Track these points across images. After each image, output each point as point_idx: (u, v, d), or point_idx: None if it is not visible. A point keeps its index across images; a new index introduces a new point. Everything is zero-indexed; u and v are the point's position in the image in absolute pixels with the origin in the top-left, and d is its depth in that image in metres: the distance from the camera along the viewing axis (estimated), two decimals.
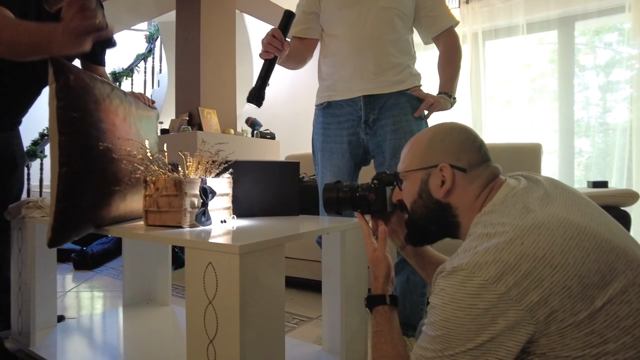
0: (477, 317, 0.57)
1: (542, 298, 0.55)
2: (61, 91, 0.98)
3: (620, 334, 0.55)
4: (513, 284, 0.56)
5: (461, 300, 0.59)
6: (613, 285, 0.56)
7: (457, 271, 0.60)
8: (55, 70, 0.98)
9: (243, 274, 0.82)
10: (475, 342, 0.58)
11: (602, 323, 0.55)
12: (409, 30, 1.45)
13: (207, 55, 3.39)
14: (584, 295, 0.55)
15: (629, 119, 3.36)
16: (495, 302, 0.56)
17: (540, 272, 0.56)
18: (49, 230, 1.02)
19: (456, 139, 0.76)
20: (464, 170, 0.74)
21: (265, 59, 1.23)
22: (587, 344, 0.56)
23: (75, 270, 2.89)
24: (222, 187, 1.22)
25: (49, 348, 1.39)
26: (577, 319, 0.55)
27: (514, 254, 0.57)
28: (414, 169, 0.78)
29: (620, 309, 0.56)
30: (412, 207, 0.80)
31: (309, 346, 1.44)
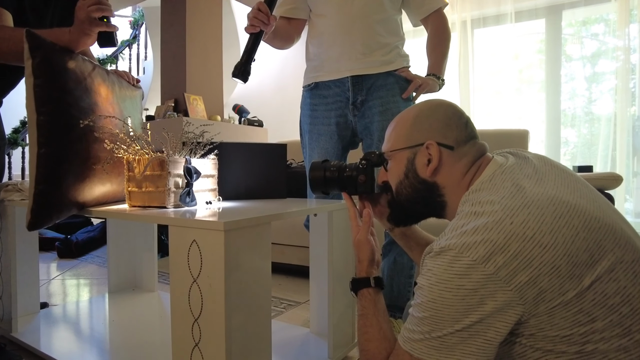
0: (465, 298, 0.56)
1: (531, 278, 0.55)
2: (38, 68, 0.95)
3: (607, 312, 0.55)
4: (502, 264, 0.55)
5: (449, 281, 0.57)
6: (601, 263, 0.55)
7: (445, 251, 0.59)
8: (31, 47, 0.94)
9: (228, 252, 0.80)
10: (464, 323, 0.56)
11: (590, 302, 0.55)
12: (397, 11, 1.43)
13: (193, 40, 3.32)
14: (572, 274, 0.55)
15: (613, 110, 3.40)
16: (484, 282, 0.55)
17: (530, 252, 0.55)
18: (28, 212, 0.99)
19: (442, 115, 0.74)
20: (451, 148, 0.72)
21: (251, 32, 1.20)
22: (575, 323, 0.55)
23: (60, 258, 2.84)
24: (207, 169, 1.20)
25: (32, 334, 1.37)
26: (565, 298, 0.55)
27: (503, 233, 0.56)
28: (399, 148, 0.76)
29: (608, 287, 0.55)
30: (397, 187, 0.78)
31: (296, 329, 1.44)
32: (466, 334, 0.57)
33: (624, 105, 3.35)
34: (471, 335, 0.57)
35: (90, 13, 0.96)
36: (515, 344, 0.60)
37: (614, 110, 3.38)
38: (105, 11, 0.97)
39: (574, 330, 0.55)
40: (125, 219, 0.99)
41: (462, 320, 0.56)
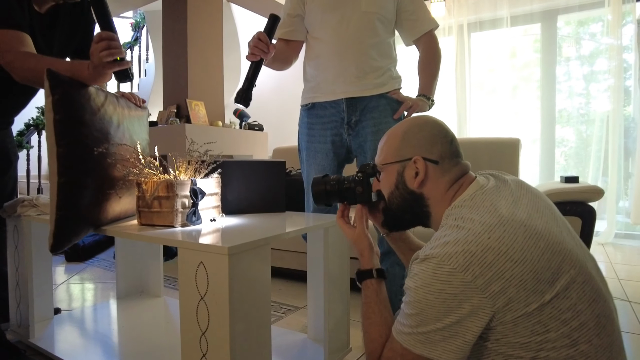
0: (445, 301, 0.64)
1: (502, 288, 0.63)
2: (57, 105, 1.03)
3: (560, 324, 0.64)
4: (479, 273, 0.63)
5: (432, 285, 0.66)
6: (560, 282, 0.64)
7: (430, 259, 0.67)
8: (51, 85, 1.03)
9: (232, 272, 0.90)
10: (444, 323, 0.65)
11: (547, 315, 0.64)
12: (390, 34, 1.51)
13: (195, 46, 3.39)
14: (536, 290, 0.63)
15: (608, 110, 3.47)
16: (462, 288, 0.64)
17: (503, 265, 0.63)
18: (50, 236, 1.08)
19: (428, 132, 0.82)
20: (436, 162, 0.80)
21: (252, 61, 1.29)
22: (533, 332, 0.64)
23: (67, 262, 2.94)
24: (211, 187, 1.28)
25: (48, 339, 1.46)
26: (528, 309, 0.64)
27: (481, 246, 0.64)
28: (390, 161, 0.84)
29: (563, 303, 0.64)
30: (389, 197, 0.87)
31: (294, 334, 1.53)
32: (447, 333, 0.65)
33: (618, 106, 3.42)
34: (451, 334, 0.65)
35: (103, 58, 1.03)
36: (481, 347, 0.69)
37: (609, 110, 3.45)
38: (116, 54, 1.04)
39: (532, 338, 0.64)
40: (136, 239, 1.08)
41: (442, 320, 0.65)
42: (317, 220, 1.32)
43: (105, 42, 1.04)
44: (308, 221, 1.30)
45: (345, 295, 1.41)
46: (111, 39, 1.05)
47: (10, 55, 1.20)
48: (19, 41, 1.22)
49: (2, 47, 1.20)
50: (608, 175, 3.48)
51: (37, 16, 1.36)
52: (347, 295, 1.42)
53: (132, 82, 5.32)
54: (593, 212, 1.62)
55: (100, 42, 1.04)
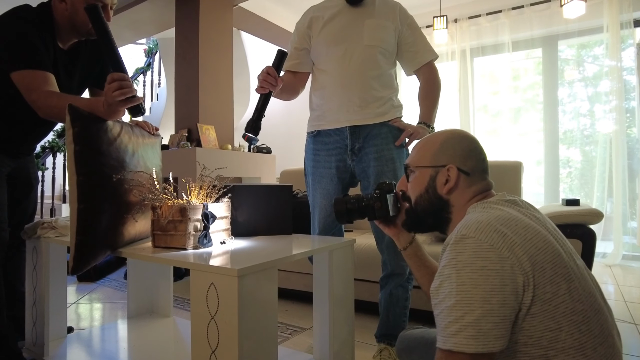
0: (489, 278, 0.64)
1: (532, 269, 0.65)
2: (77, 136, 1.12)
3: (571, 326, 0.65)
4: (511, 252, 0.65)
5: (474, 263, 0.65)
6: (572, 282, 0.67)
7: (466, 239, 0.68)
8: (72, 118, 1.12)
9: (241, 293, 0.95)
10: (491, 304, 0.62)
11: (561, 312, 0.65)
12: (391, 65, 1.60)
13: (206, 72, 3.52)
14: (552, 281, 0.66)
15: (611, 131, 3.51)
16: (502, 263, 0.64)
17: (530, 249, 0.66)
18: (71, 260, 1.15)
19: (466, 146, 0.87)
20: (467, 174, 0.85)
21: (261, 93, 1.37)
22: (546, 328, 0.65)
23: (79, 282, 3.01)
24: (221, 211, 1.35)
25: (61, 357, 1.51)
26: (544, 299, 0.65)
27: (511, 229, 0.68)
28: (425, 165, 0.89)
29: (576, 306, 0.66)
30: (417, 199, 0.90)
31: (300, 355, 1.56)
32: (497, 318, 0.62)
33: (622, 127, 3.46)
34: (501, 319, 0.63)
35: (115, 98, 1.11)
36: None
37: (611, 131, 3.49)
38: (127, 94, 1.11)
39: (544, 334, 0.65)
40: (150, 261, 1.14)
41: (489, 301, 0.62)
42: (322, 242, 1.37)
43: (117, 82, 1.11)
44: (314, 244, 1.36)
45: (351, 316, 1.45)
46: (122, 79, 1.13)
47: (35, 94, 1.30)
48: (44, 80, 1.32)
49: (28, 86, 1.31)
50: (613, 196, 3.49)
51: (61, 52, 1.47)
52: (352, 316, 1.46)
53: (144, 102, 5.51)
54: (593, 234, 1.65)
55: (113, 83, 1.11)
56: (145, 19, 4.17)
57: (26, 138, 1.57)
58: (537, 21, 3.81)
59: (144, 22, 4.24)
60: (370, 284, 2.09)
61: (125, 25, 4.26)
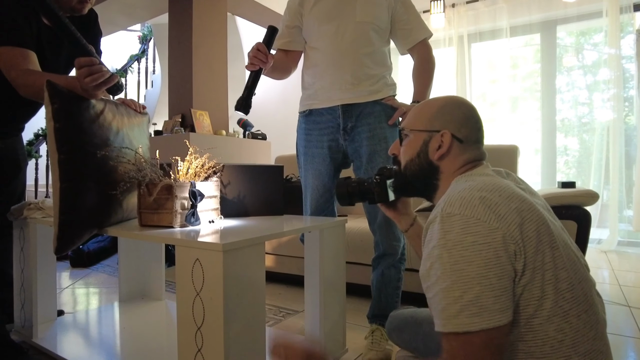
0: (481, 252, 0.61)
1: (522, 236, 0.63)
2: (57, 113, 1.09)
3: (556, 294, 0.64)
4: (503, 218, 0.63)
5: (464, 240, 0.63)
6: (558, 250, 0.65)
7: (451, 215, 0.65)
8: (50, 95, 1.08)
9: (226, 269, 0.93)
10: (489, 279, 0.60)
11: (547, 279, 0.64)
12: (385, 43, 1.56)
13: (199, 57, 3.47)
14: (538, 250, 0.64)
15: (610, 119, 3.48)
16: (492, 235, 0.62)
17: (520, 215, 0.64)
18: (54, 239, 1.12)
19: (463, 113, 0.84)
20: (460, 141, 0.82)
21: (251, 70, 1.34)
22: (531, 296, 0.64)
23: (72, 267, 2.99)
24: (210, 190, 1.33)
25: (51, 340, 1.50)
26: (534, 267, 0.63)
27: (500, 195, 0.66)
28: (420, 129, 0.86)
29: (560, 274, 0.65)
30: (407, 163, 0.88)
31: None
32: (498, 291, 0.60)
33: (620, 115, 3.44)
34: (502, 291, 0.61)
35: (88, 85, 1.07)
36: None
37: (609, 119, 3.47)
38: (99, 79, 1.06)
39: (530, 302, 0.63)
40: (136, 238, 1.12)
41: (486, 276, 0.60)
42: (313, 222, 1.35)
43: (85, 69, 1.06)
44: (305, 223, 1.34)
45: (342, 297, 1.44)
46: (90, 64, 1.07)
47: (14, 72, 1.26)
48: (24, 58, 1.28)
49: (7, 64, 1.27)
50: (610, 184, 3.48)
51: (45, 28, 1.43)
52: (343, 298, 1.44)
53: (139, 93, 5.44)
54: (588, 215, 1.64)
55: (81, 70, 1.06)
56: (138, 3, 4.09)
57: (12, 118, 1.54)
58: (536, 5, 3.76)
59: (137, 6, 4.16)
60: (363, 267, 2.07)
61: (118, 10, 4.19)
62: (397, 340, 1.27)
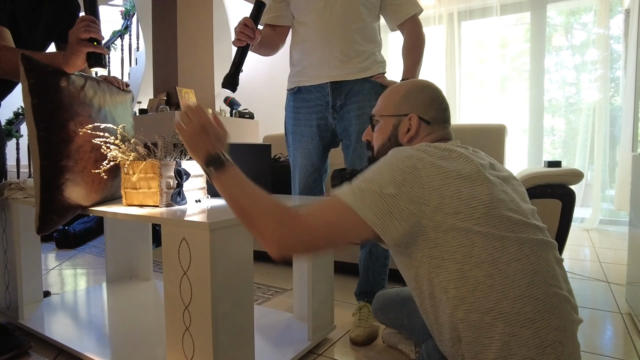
0: (393, 172, 0.72)
1: (441, 186, 0.71)
2: (34, 88, 1.04)
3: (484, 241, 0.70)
4: (428, 169, 0.72)
5: (387, 161, 0.75)
6: (493, 211, 0.71)
7: (394, 148, 0.79)
8: (26, 69, 1.03)
9: (213, 248, 0.92)
10: (385, 190, 0.71)
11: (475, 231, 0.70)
12: (375, 18, 1.53)
13: (185, 34, 3.38)
14: (469, 205, 0.70)
15: (596, 99, 3.51)
16: (410, 171, 0.72)
17: (448, 171, 0.72)
18: (36, 219, 1.10)
19: (428, 96, 0.90)
20: (427, 123, 0.88)
21: (238, 46, 1.30)
22: (460, 244, 0.70)
23: (58, 249, 2.95)
24: (197, 169, 1.30)
25: (37, 320, 1.48)
26: (457, 221, 0.70)
27: (436, 156, 0.74)
28: (389, 114, 0.92)
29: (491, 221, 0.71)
30: (380, 148, 0.93)
31: (280, 314, 1.57)
32: (378, 197, 0.71)
33: (606, 96, 3.47)
34: (382, 200, 0.71)
35: (79, 35, 1.04)
36: (415, 254, 0.75)
37: (596, 100, 3.50)
38: (93, 33, 1.05)
39: (458, 250, 0.70)
40: (122, 218, 1.10)
41: (384, 188, 0.71)
42: (302, 201, 1.35)
43: (85, 22, 1.05)
44: (294, 202, 1.33)
45: (330, 275, 1.45)
46: (92, 21, 1.07)
47: None
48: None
49: None
50: (594, 164, 3.54)
51: (20, 2, 1.36)
52: (331, 276, 1.45)
53: (123, 71, 5.29)
54: (573, 194, 1.66)
55: (81, 22, 1.05)
56: None
57: None
58: None
59: None
60: (351, 245, 2.08)
61: None
62: (383, 319, 1.29)
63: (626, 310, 1.68)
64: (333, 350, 1.36)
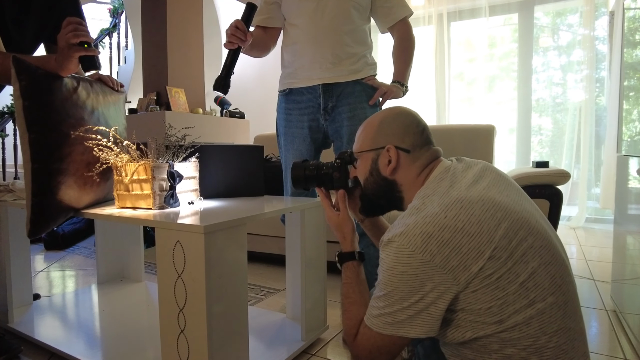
0: (407, 282, 0.69)
1: (460, 262, 0.67)
2: (25, 91, 1.03)
3: (517, 287, 0.69)
4: (436, 252, 0.67)
5: (395, 268, 0.70)
6: (518, 248, 0.69)
7: (391, 243, 0.72)
8: (17, 71, 1.02)
9: (208, 251, 0.93)
10: (409, 302, 0.69)
11: (505, 279, 0.69)
12: (365, 21, 1.54)
13: (174, 32, 3.35)
14: (493, 257, 0.68)
15: (582, 99, 3.58)
16: (422, 268, 0.68)
17: (460, 240, 0.68)
18: (27, 222, 1.09)
19: (402, 123, 0.86)
20: (407, 151, 0.84)
21: (230, 49, 1.31)
22: (493, 297, 0.69)
23: (47, 250, 2.92)
24: (189, 171, 1.30)
25: (27, 324, 1.47)
26: (490, 279, 0.68)
27: (438, 226, 0.69)
28: (366, 149, 0.89)
29: (520, 268, 0.69)
30: (364, 183, 0.91)
31: (273, 314, 1.57)
32: (412, 312, 0.70)
33: (591, 96, 3.53)
34: (416, 312, 0.70)
35: (69, 40, 1.03)
36: (449, 317, 0.74)
37: (582, 100, 3.56)
38: (82, 37, 1.04)
39: (493, 303, 0.68)
40: (115, 221, 1.10)
41: (408, 299, 0.69)
42: (294, 202, 1.36)
43: (72, 25, 1.04)
44: (286, 204, 1.34)
45: (322, 276, 1.46)
46: (79, 23, 1.05)
47: None
48: None
49: None
50: (580, 163, 3.61)
51: (9, 7, 1.34)
52: (324, 276, 1.46)
53: (111, 70, 5.22)
54: (560, 194, 1.70)
55: (68, 26, 1.04)
56: None
57: None
58: None
59: None
60: None
61: None
62: None
63: (611, 307, 1.72)
64: (326, 350, 1.38)
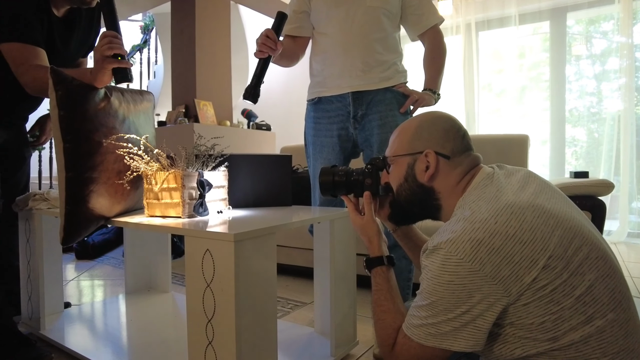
0: (454, 292, 0.64)
1: (512, 272, 0.62)
2: (61, 100, 1.06)
3: (573, 301, 0.62)
4: (486, 260, 0.62)
5: (441, 277, 0.66)
6: (574, 259, 0.63)
7: (437, 250, 0.67)
8: (54, 81, 1.05)
9: (238, 260, 0.90)
10: (455, 313, 0.64)
11: (560, 292, 0.62)
12: (396, 28, 1.51)
13: (203, 47, 3.43)
14: (548, 266, 0.62)
15: (619, 109, 3.42)
16: (471, 278, 0.63)
17: (512, 248, 0.62)
18: (61, 230, 1.10)
19: (441, 128, 0.82)
20: (447, 157, 0.79)
21: (260, 58, 1.30)
22: (547, 312, 0.63)
23: (78, 260, 2.98)
24: (218, 180, 1.30)
25: (58, 331, 1.48)
26: (543, 291, 0.62)
27: (488, 232, 0.63)
28: (401, 154, 0.84)
29: (576, 280, 0.63)
30: (397, 189, 0.86)
31: (301, 328, 1.53)
32: (457, 323, 0.65)
33: (630, 105, 3.38)
34: (462, 324, 0.64)
35: (103, 52, 1.07)
36: (498, 332, 0.68)
37: (620, 109, 3.41)
38: (116, 49, 1.08)
39: (546, 318, 0.63)
40: (144, 229, 1.09)
41: (453, 311, 0.65)
42: (323, 212, 1.32)
43: (107, 38, 1.08)
44: (315, 214, 1.31)
45: (352, 289, 1.41)
46: (114, 36, 1.09)
47: (23, 67, 1.26)
48: (33, 55, 1.28)
49: (15, 59, 1.28)
50: (620, 175, 3.43)
51: (56, 20, 1.42)
52: (353, 290, 1.42)
53: (141, 84, 5.39)
54: (603, 205, 1.60)
55: (104, 39, 1.08)
56: None
57: (18, 106, 1.52)
58: None
59: None
60: None
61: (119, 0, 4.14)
62: None
63: None
64: None
